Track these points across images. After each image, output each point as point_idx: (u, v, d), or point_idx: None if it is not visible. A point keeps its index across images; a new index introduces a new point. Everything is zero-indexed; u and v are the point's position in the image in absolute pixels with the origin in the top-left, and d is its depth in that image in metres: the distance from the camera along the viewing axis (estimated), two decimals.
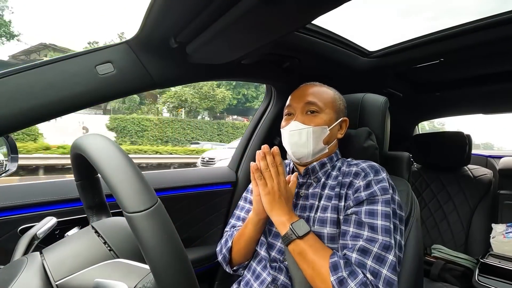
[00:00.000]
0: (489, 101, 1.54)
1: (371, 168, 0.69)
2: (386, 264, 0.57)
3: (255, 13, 0.54)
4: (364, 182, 0.67)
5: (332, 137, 0.77)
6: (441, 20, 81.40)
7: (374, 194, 0.64)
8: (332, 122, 0.75)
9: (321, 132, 0.73)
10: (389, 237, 0.60)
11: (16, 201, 0.75)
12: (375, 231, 0.61)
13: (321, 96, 0.76)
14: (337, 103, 0.78)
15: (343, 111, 0.80)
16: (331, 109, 0.76)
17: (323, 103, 0.74)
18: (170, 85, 0.84)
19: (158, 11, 0.60)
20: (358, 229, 0.62)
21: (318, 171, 0.76)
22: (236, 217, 0.88)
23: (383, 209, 0.63)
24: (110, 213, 0.59)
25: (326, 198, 0.71)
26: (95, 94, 0.68)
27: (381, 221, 0.61)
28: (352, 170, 0.71)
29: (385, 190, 0.65)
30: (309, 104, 0.74)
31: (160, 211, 0.33)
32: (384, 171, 0.70)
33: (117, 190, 0.32)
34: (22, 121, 0.60)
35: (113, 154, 0.36)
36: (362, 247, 0.59)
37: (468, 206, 1.47)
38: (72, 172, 0.53)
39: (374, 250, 0.59)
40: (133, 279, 0.37)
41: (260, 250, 0.76)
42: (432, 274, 1.34)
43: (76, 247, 0.43)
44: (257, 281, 0.72)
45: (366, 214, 0.63)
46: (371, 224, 0.61)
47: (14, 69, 0.60)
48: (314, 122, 0.73)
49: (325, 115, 0.74)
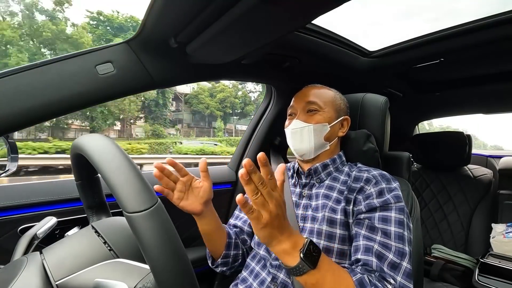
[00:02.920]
0: (489, 101, 1.54)
1: (382, 177, 0.69)
2: (401, 271, 0.57)
3: (255, 13, 0.54)
4: (375, 189, 0.66)
5: (333, 135, 0.78)
6: (442, 21, 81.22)
7: (388, 201, 0.64)
8: (333, 120, 0.77)
9: (321, 129, 0.75)
10: (402, 244, 0.59)
11: (16, 201, 0.75)
12: (388, 237, 0.60)
13: (321, 95, 0.78)
14: (337, 102, 0.80)
15: (344, 110, 0.81)
16: (331, 108, 0.78)
17: (323, 102, 0.77)
18: (170, 85, 0.84)
19: (158, 11, 0.60)
20: (371, 233, 0.61)
21: (321, 172, 0.77)
22: (235, 217, 0.89)
23: (397, 216, 0.62)
24: (110, 213, 0.59)
25: (335, 201, 0.70)
26: (95, 94, 0.68)
27: (394, 228, 0.60)
28: (363, 176, 0.71)
29: (399, 198, 0.65)
30: (310, 103, 0.77)
31: (160, 211, 0.33)
32: (396, 181, 0.69)
33: (117, 190, 0.32)
34: (22, 121, 0.60)
35: (113, 154, 0.35)
36: (378, 253, 0.58)
37: (468, 206, 1.47)
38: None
39: (389, 257, 0.57)
40: (133, 279, 0.37)
41: (258, 249, 0.76)
42: (432, 274, 1.34)
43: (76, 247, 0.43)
44: (256, 280, 0.72)
45: (379, 220, 0.62)
46: (384, 230, 0.60)
47: (14, 69, 0.60)
48: (314, 120, 0.76)
49: (325, 113, 0.77)
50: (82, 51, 0.67)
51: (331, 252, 0.65)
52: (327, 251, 0.65)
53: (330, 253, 0.65)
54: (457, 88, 1.37)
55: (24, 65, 0.61)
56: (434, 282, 1.32)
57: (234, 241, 0.80)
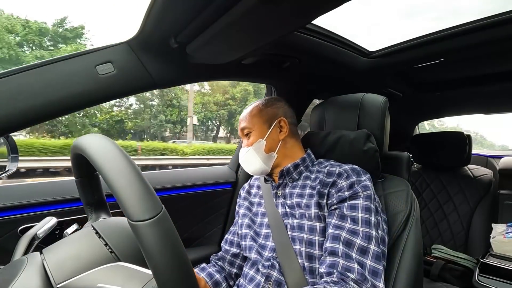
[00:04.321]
0: (489, 101, 1.54)
1: (353, 171, 0.73)
2: (369, 254, 0.61)
3: (255, 13, 0.54)
4: (346, 182, 0.70)
5: (274, 142, 0.82)
6: (445, 20, 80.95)
7: (356, 191, 0.69)
8: (265, 132, 0.81)
9: (259, 146, 0.80)
10: (369, 228, 0.63)
11: (16, 201, 0.75)
12: (356, 223, 0.64)
13: (247, 117, 0.83)
14: (263, 113, 0.83)
15: (274, 114, 0.84)
16: (259, 124, 0.82)
17: (250, 123, 0.82)
18: (170, 85, 0.84)
19: (158, 11, 0.60)
20: (340, 221, 0.66)
21: (293, 172, 0.80)
22: (234, 223, 0.91)
23: (364, 203, 0.67)
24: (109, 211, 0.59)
25: (308, 197, 0.73)
26: (95, 94, 0.68)
27: (361, 214, 0.65)
28: (335, 170, 0.74)
29: (366, 188, 0.69)
30: (243, 130, 0.84)
31: (165, 219, 0.32)
32: (367, 174, 0.73)
33: (122, 198, 0.32)
34: (22, 121, 0.60)
35: (116, 159, 0.35)
36: (347, 240, 0.63)
37: (468, 206, 1.47)
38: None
39: (357, 242, 0.62)
40: (135, 284, 0.37)
41: (250, 254, 0.77)
42: (432, 274, 1.34)
43: (76, 249, 0.43)
44: (251, 284, 0.74)
45: (348, 208, 0.67)
46: (352, 217, 0.65)
47: (14, 69, 0.60)
48: (250, 142, 0.81)
49: (256, 132, 0.82)
50: (82, 51, 0.67)
51: (313, 245, 0.69)
52: (310, 244, 0.69)
53: (313, 246, 0.69)
54: (457, 88, 1.37)
55: (24, 65, 0.61)
56: (434, 282, 1.32)
57: (210, 283, 0.79)
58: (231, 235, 0.88)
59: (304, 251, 0.69)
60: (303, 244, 0.69)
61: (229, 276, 0.84)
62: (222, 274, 0.83)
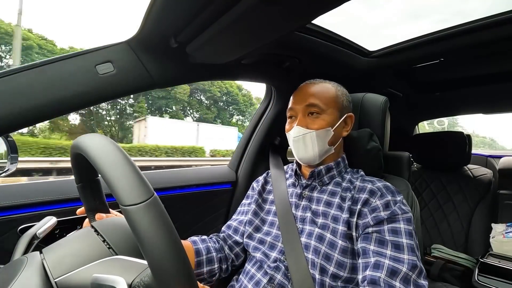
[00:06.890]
0: (489, 101, 1.54)
1: (386, 189, 0.67)
2: (411, 285, 0.55)
3: (255, 13, 0.54)
4: (381, 201, 0.64)
5: (337, 137, 0.75)
6: (451, 23, 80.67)
7: (395, 213, 0.62)
8: (336, 122, 0.73)
9: (325, 134, 0.71)
10: (415, 257, 0.57)
11: (16, 200, 0.75)
12: (401, 250, 0.57)
13: (322, 95, 0.72)
14: (340, 100, 0.74)
15: (347, 107, 0.77)
16: (333, 108, 0.73)
17: (324, 103, 0.71)
18: (170, 85, 0.84)
19: (158, 11, 0.60)
20: (380, 247, 0.59)
21: (324, 175, 0.75)
22: (232, 219, 0.89)
23: (406, 227, 0.60)
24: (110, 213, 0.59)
25: (337, 208, 0.68)
26: (95, 94, 0.68)
27: (406, 240, 0.58)
28: (367, 186, 0.68)
29: (405, 209, 0.63)
30: (310, 106, 0.71)
31: (156, 204, 0.33)
32: (400, 195, 0.67)
33: (114, 183, 0.33)
34: (22, 121, 0.60)
35: (110, 150, 0.36)
36: (391, 268, 0.55)
37: (468, 206, 1.47)
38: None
39: (402, 271, 0.55)
40: (131, 273, 0.37)
41: (255, 253, 0.75)
42: (432, 274, 1.34)
43: (75, 246, 0.43)
44: (251, 282, 0.72)
45: (389, 232, 0.60)
46: (395, 242, 0.58)
47: (14, 69, 0.60)
48: (316, 125, 0.71)
49: (328, 116, 0.72)
50: (82, 51, 0.67)
51: (330, 260, 0.63)
52: (327, 259, 0.64)
53: (329, 261, 0.63)
54: (457, 88, 1.37)
55: (24, 65, 0.61)
56: (434, 282, 1.32)
57: (205, 257, 0.76)
58: (237, 223, 0.85)
59: (319, 263, 0.64)
60: (319, 256, 0.64)
61: (224, 258, 0.81)
62: (219, 255, 0.80)
